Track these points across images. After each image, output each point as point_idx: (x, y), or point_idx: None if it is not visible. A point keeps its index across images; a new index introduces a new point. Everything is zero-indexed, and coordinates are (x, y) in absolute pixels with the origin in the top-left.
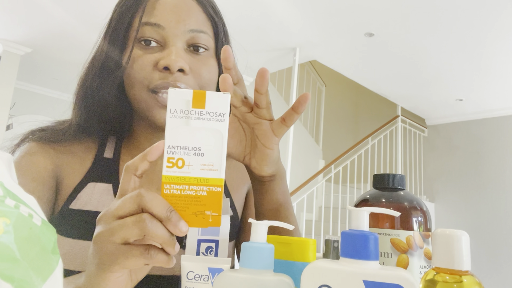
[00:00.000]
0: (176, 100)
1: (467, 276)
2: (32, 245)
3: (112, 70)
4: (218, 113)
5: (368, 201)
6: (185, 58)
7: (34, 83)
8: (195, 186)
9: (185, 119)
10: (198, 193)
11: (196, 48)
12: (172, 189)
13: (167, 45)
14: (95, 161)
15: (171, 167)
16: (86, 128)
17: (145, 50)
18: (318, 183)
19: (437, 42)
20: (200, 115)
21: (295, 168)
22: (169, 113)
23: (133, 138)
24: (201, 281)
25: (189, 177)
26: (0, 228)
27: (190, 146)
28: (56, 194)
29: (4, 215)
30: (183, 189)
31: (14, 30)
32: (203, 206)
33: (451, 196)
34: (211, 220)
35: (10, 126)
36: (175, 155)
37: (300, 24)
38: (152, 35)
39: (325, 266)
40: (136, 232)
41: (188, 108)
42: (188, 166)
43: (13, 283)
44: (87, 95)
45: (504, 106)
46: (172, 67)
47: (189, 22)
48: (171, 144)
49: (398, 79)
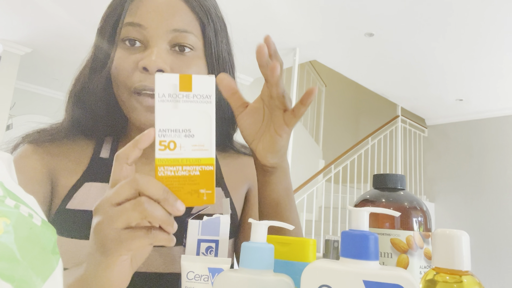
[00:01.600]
0: (163, 85)
1: (467, 276)
2: (32, 245)
3: (103, 70)
4: (205, 95)
5: (368, 201)
6: (166, 58)
7: (34, 83)
8: (188, 167)
9: (173, 103)
10: (191, 173)
11: (182, 48)
12: (166, 171)
13: (149, 46)
14: (91, 162)
15: (164, 149)
16: (81, 127)
17: (129, 51)
18: (318, 183)
19: (437, 42)
20: (188, 98)
21: (295, 168)
22: (157, 97)
23: (130, 137)
24: (201, 281)
25: (182, 158)
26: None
27: (180, 128)
28: (51, 195)
29: (4, 215)
30: (176, 170)
31: (14, 30)
32: (197, 185)
33: (451, 196)
34: (205, 198)
35: (10, 126)
36: (166, 138)
37: (300, 24)
38: (134, 35)
39: (325, 266)
40: (136, 215)
41: (175, 91)
42: (179, 147)
43: (13, 283)
44: (81, 93)
45: (504, 106)
46: (150, 68)
47: (172, 22)
48: (162, 128)
49: (398, 79)
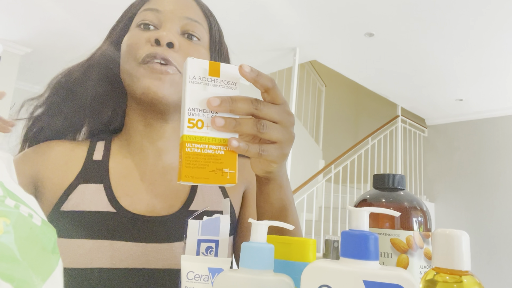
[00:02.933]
0: (194, 68)
1: (467, 276)
2: (32, 245)
3: (109, 67)
4: (231, 82)
5: (368, 201)
6: (177, 37)
7: (34, 83)
8: (214, 146)
9: (202, 85)
10: (217, 152)
11: (190, 36)
12: (193, 147)
13: (162, 27)
14: (84, 164)
15: (192, 127)
16: (70, 123)
17: (143, 31)
18: (318, 183)
19: (437, 42)
20: (216, 82)
21: (295, 168)
22: (188, 79)
23: (124, 137)
24: (201, 281)
25: (208, 137)
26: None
27: (208, 109)
28: (38, 199)
29: (4, 215)
30: (203, 148)
31: (14, 30)
32: (221, 164)
33: (451, 196)
34: (228, 177)
35: None
36: (195, 117)
37: (300, 24)
38: (150, 18)
39: (325, 266)
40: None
41: (205, 75)
42: (206, 127)
43: (13, 283)
44: (73, 84)
45: (504, 106)
46: (162, 39)
47: (185, 11)
48: (191, 107)
49: (398, 79)
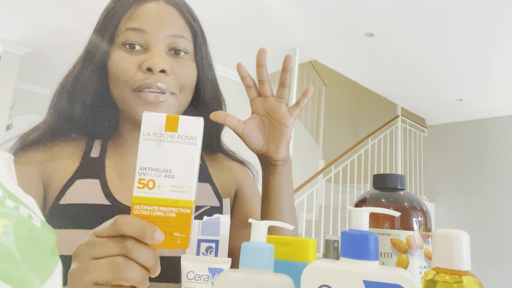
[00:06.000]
0: (149, 123)
1: (467, 276)
2: (32, 246)
3: (96, 64)
4: (190, 137)
5: (368, 201)
6: (167, 60)
7: (34, 83)
8: (164, 207)
9: (157, 142)
10: (167, 214)
11: (177, 52)
12: (142, 209)
13: (149, 48)
14: (82, 162)
15: (142, 188)
16: (71, 123)
17: (130, 53)
18: (318, 183)
19: (437, 42)
20: (172, 138)
21: (295, 168)
22: (142, 135)
23: (119, 137)
24: (201, 281)
25: (159, 198)
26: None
27: (161, 168)
28: (44, 197)
29: (4, 216)
30: (152, 210)
31: (14, 30)
32: (171, 227)
33: (451, 196)
34: (179, 242)
35: (10, 126)
36: (146, 176)
37: (300, 24)
38: (136, 39)
39: (325, 266)
40: (109, 276)
41: (161, 131)
42: (158, 187)
43: (13, 284)
44: (73, 86)
45: (504, 106)
46: (154, 68)
47: (170, 28)
48: (143, 166)
49: (398, 79)
